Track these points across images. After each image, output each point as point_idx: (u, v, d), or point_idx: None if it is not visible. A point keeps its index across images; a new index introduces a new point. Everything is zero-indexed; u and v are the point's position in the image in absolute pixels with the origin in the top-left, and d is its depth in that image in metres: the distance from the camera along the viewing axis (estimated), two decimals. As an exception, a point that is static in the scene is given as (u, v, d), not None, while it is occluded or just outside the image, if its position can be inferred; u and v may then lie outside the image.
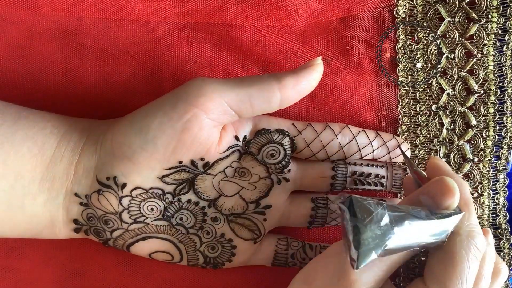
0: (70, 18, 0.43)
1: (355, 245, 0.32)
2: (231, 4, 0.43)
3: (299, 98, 0.39)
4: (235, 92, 0.38)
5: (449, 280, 0.35)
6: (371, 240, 0.32)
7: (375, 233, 0.33)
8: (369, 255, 0.33)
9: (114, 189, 0.39)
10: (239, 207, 0.42)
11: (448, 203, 0.36)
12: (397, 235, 0.33)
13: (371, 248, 0.33)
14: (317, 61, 0.39)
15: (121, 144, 0.39)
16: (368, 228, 0.32)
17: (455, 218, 0.36)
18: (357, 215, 0.33)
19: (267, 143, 0.42)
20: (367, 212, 0.33)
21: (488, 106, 0.45)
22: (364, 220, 0.33)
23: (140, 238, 0.41)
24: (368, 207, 0.33)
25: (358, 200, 0.33)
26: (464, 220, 0.37)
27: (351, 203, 0.33)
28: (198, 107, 0.38)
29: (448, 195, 0.36)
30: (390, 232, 0.33)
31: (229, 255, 0.43)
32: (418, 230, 0.34)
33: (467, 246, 0.36)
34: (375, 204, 0.33)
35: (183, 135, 0.38)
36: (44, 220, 0.40)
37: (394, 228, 0.33)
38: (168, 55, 0.44)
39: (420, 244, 0.35)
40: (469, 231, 0.36)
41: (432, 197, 0.36)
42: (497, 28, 0.45)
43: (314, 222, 0.44)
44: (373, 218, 0.33)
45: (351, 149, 0.43)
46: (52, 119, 0.41)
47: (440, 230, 0.35)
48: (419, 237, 0.35)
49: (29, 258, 0.45)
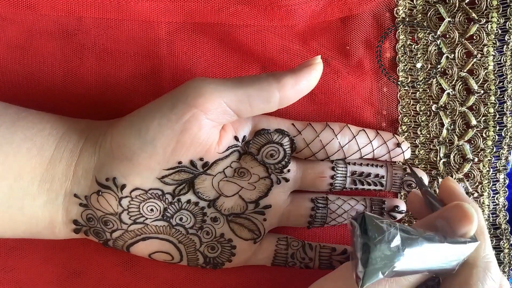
0: (70, 18, 0.43)
1: (362, 263, 0.32)
2: (231, 4, 0.43)
3: (299, 98, 0.39)
4: (234, 92, 0.38)
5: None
6: (379, 260, 0.32)
7: (385, 253, 0.32)
8: (375, 275, 0.32)
9: (113, 190, 0.39)
10: (238, 207, 0.42)
11: (465, 230, 0.35)
12: (407, 258, 0.33)
13: (379, 268, 0.32)
14: (317, 60, 0.39)
15: (120, 146, 0.39)
16: (378, 248, 0.32)
17: (470, 247, 0.35)
18: (368, 233, 0.32)
19: (266, 143, 0.42)
20: (378, 231, 0.32)
21: (488, 106, 0.45)
22: (374, 238, 0.32)
23: (139, 239, 0.41)
24: (380, 226, 0.32)
25: (371, 218, 0.33)
26: (481, 250, 0.36)
27: (363, 220, 0.32)
28: (197, 107, 0.37)
29: (466, 221, 0.35)
30: (400, 254, 0.32)
31: (229, 255, 0.43)
32: (428, 255, 0.34)
33: (484, 279, 0.35)
34: (387, 224, 0.33)
35: (182, 136, 0.38)
36: (44, 220, 0.40)
37: (404, 250, 0.32)
38: (168, 55, 0.44)
39: (429, 269, 0.35)
40: (486, 263, 0.36)
41: (449, 222, 0.35)
42: (497, 28, 0.45)
43: (313, 222, 0.44)
44: (384, 237, 0.32)
45: (351, 149, 0.43)
46: (51, 120, 0.41)
47: (452, 257, 0.35)
48: (429, 262, 0.34)
49: (29, 258, 0.45)
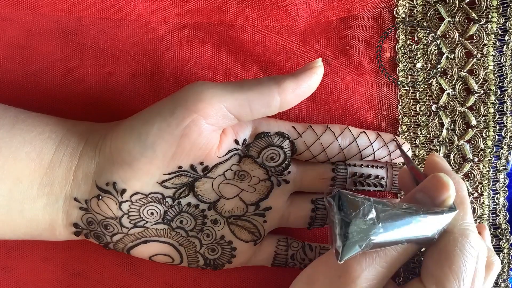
0: (70, 18, 0.43)
1: (340, 238, 0.34)
2: (231, 4, 0.43)
3: (299, 101, 0.39)
4: (235, 97, 0.38)
5: (447, 279, 0.35)
6: (355, 234, 0.33)
7: (360, 227, 0.34)
8: (353, 248, 0.34)
9: (113, 195, 0.39)
10: (239, 209, 0.42)
11: (442, 198, 0.36)
12: (383, 230, 0.34)
13: (355, 241, 0.34)
14: (317, 63, 0.39)
15: (120, 150, 0.39)
16: (353, 222, 0.34)
17: (447, 216, 0.36)
18: (344, 209, 0.34)
19: (267, 146, 0.42)
20: (353, 206, 0.34)
21: (488, 106, 0.45)
22: (350, 214, 0.34)
23: (140, 242, 0.41)
24: (355, 202, 0.34)
25: (346, 195, 0.34)
26: (459, 218, 0.37)
27: (339, 197, 0.34)
28: (197, 112, 0.37)
29: (442, 190, 0.36)
30: (375, 227, 0.34)
31: (229, 257, 0.43)
32: (405, 226, 0.35)
33: (462, 245, 0.35)
34: (362, 199, 0.34)
35: (182, 141, 0.38)
36: (44, 223, 0.40)
37: (380, 223, 0.34)
38: (168, 55, 0.44)
39: (408, 239, 0.36)
40: (463, 230, 0.36)
41: (427, 193, 0.36)
42: (497, 28, 0.45)
43: (314, 223, 0.44)
44: (359, 212, 0.34)
45: (351, 151, 0.43)
46: (50, 122, 0.41)
47: (430, 227, 0.36)
48: (407, 232, 0.35)
49: (29, 258, 0.45)
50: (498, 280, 0.47)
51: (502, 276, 0.47)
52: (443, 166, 0.39)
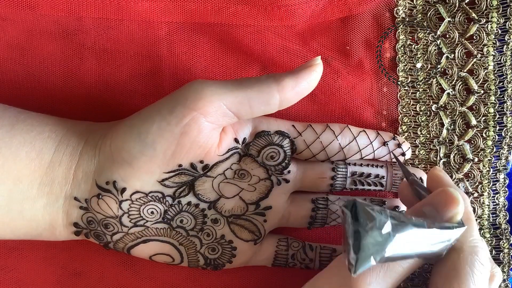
0: (70, 18, 0.43)
1: (354, 250, 0.32)
2: (231, 4, 0.43)
3: (299, 99, 0.39)
4: (234, 95, 0.38)
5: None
6: (371, 246, 0.32)
7: (376, 239, 0.32)
8: (368, 261, 0.32)
9: (113, 194, 0.39)
10: (239, 208, 0.42)
11: (452, 213, 0.35)
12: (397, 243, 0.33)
13: (370, 254, 0.32)
14: (316, 61, 0.39)
15: (120, 149, 0.39)
16: (369, 234, 0.32)
17: (457, 231, 0.35)
18: (360, 220, 0.32)
19: (267, 145, 0.42)
20: (369, 217, 0.32)
21: (488, 106, 0.45)
22: (366, 225, 0.32)
23: (140, 241, 0.41)
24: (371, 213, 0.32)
25: (362, 205, 0.33)
26: (467, 235, 0.36)
27: (354, 207, 0.33)
28: (196, 110, 0.37)
29: (452, 205, 0.35)
30: (390, 240, 0.32)
31: (229, 256, 0.43)
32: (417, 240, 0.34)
33: (471, 263, 0.35)
34: (378, 211, 0.33)
35: (182, 139, 0.38)
36: (44, 223, 0.40)
37: (395, 236, 0.33)
38: (168, 55, 0.44)
39: (418, 254, 0.35)
40: (472, 247, 0.36)
41: (436, 208, 0.36)
42: (497, 28, 0.45)
43: (314, 223, 0.44)
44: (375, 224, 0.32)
45: (351, 150, 0.43)
46: (50, 122, 0.41)
47: (440, 242, 0.35)
48: (418, 247, 0.34)
49: (29, 258, 0.45)
50: (498, 280, 0.47)
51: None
52: (446, 180, 0.39)
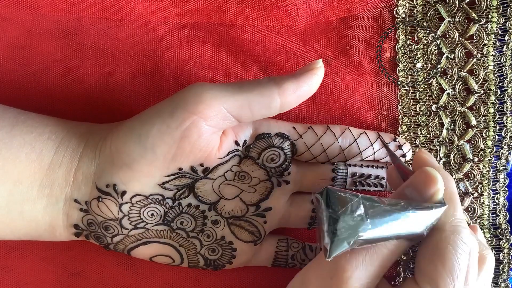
0: (70, 18, 0.43)
1: (328, 235, 0.33)
2: (231, 4, 0.43)
3: (299, 102, 0.39)
4: (235, 98, 0.37)
5: (440, 277, 0.35)
6: (344, 231, 0.33)
7: (348, 223, 0.33)
8: (341, 245, 0.33)
9: (113, 196, 0.39)
10: (239, 210, 0.42)
11: (431, 192, 0.36)
12: (372, 226, 0.34)
13: (344, 238, 0.33)
14: (318, 64, 0.39)
15: (120, 152, 0.38)
16: (341, 219, 0.33)
17: (436, 211, 0.36)
18: (332, 206, 0.33)
19: (267, 147, 0.42)
20: (341, 203, 0.33)
21: (488, 106, 0.45)
22: (338, 210, 0.33)
23: (140, 243, 0.41)
24: (343, 198, 0.34)
25: (334, 191, 0.34)
26: (449, 215, 0.36)
27: (327, 194, 0.34)
28: (197, 114, 0.37)
29: (430, 184, 0.36)
30: (364, 223, 0.34)
31: (229, 257, 0.43)
32: (394, 222, 0.35)
33: (454, 242, 0.35)
34: (350, 196, 0.34)
35: (182, 143, 0.38)
36: (44, 224, 0.40)
37: (368, 219, 0.34)
38: (168, 55, 0.44)
39: (397, 235, 0.35)
40: (454, 226, 0.36)
41: (416, 188, 0.36)
42: (497, 28, 0.45)
43: (314, 223, 0.44)
44: (347, 209, 0.33)
45: (352, 152, 0.43)
46: (50, 123, 0.40)
47: (419, 223, 0.35)
48: (396, 229, 0.35)
49: (29, 258, 0.45)
50: (498, 280, 0.47)
51: (502, 276, 0.47)
52: (431, 162, 0.39)
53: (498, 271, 0.47)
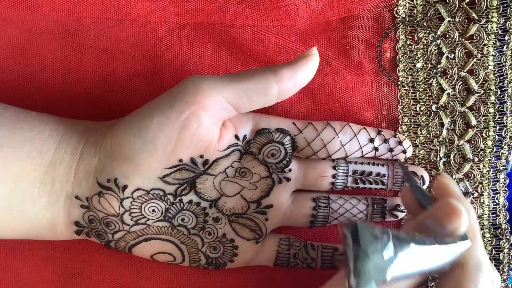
0: (70, 18, 0.43)
1: (355, 274, 0.31)
2: (231, 4, 0.43)
3: (297, 90, 0.39)
4: (232, 87, 0.38)
5: None
6: (372, 270, 0.31)
7: (377, 263, 0.32)
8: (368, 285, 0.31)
9: (115, 191, 0.39)
10: (240, 207, 0.42)
11: (454, 226, 0.34)
12: (399, 265, 0.32)
13: (371, 277, 0.31)
14: (313, 51, 0.39)
15: (121, 146, 0.39)
16: (370, 258, 0.31)
17: (460, 246, 0.35)
18: (361, 243, 0.32)
19: (267, 142, 0.42)
20: (371, 240, 0.32)
21: (488, 106, 0.45)
22: (367, 248, 0.31)
23: (141, 240, 0.41)
24: (373, 235, 0.32)
25: (363, 228, 0.32)
26: (472, 250, 0.36)
27: (355, 229, 0.32)
28: (195, 104, 0.37)
29: (454, 217, 0.34)
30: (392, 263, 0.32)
31: (231, 255, 0.43)
32: (420, 259, 0.33)
33: (476, 278, 0.35)
34: (380, 233, 0.32)
35: (182, 133, 0.38)
36: (45, 222, 0.40)
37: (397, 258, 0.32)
38: (168, 55, 0.44)
39: (421, 272, 0.34)
40: (477, 262, 0.36)
41: (438, 220, 0.35)
42: (497, 28, 0.45)
43: (315, 222, 0.44)
44: (377, 247, 0.32)
45: (352, 148, 0.43)
46: (51, 121, 0.41)
47: (443, 258, 0.34)
48: (421, 266, 0.34)
49: (29, 258, 0.45)
50: (498, 280, 0.47)
51: (502, 276, 0.47)
52: (454, 191, 0.38)
53: (498, 271, 0.47)
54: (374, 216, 0.45)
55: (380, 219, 0.45)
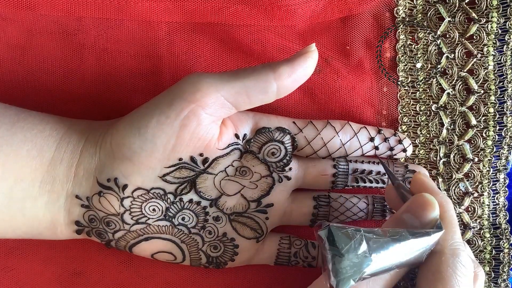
0: (70, 18, 0.43)
1: (333, 274, 0.34)
2: (231, 4, 0.43)
3: (296, 87, 0.39)
4: (231, 85, 0.38)
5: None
6: (349, 269, 0.34)
7: (353, 261, 0.34)
8: (347, 283, 0.34)
9: (115, 191, 0.39)
10: (240, 206, 0.42)
11: (428, 217, 0.37)
12: (375, 261, 0.35)
13: (349, 276, 0.34)
14: (311, 48, 0.39)
15: (121, 145, 0.39)
16: (346, 257, 0.34)
17: (434, 236, 0.36)
18: (336, 244, 0.34)
19: (267, 141, 0.42)
20: (345, 240, 0.34)
21: (488, 106, 0.45)
22: (342, 249, 0.34)
23: (142, 239, 0.41)
24: (346, 235, 0.34)
25: (337, 229, 0.35)
26: (448, 238, 0.37)
27: (329, 232, 0.35)
28: (195, 102, 0.37)
29: (428, 209, 0.37)
30: (367, 259, 0.34)
31: (231, 254, 0.43)
32: (395, 252, 0.35)
33: (453, 265, 0.36)
34: (353, 231, 0.35)
35: (181, 132, 0.38)
36: (45, 222, 0.40)
37: (372, 254, 0.34)
38: (168, 55, 0.44)
39: (398, 264, 0.36)
40: (453, 250, 0.37)
41: (413, 213, 0.37)
42: (497, 28, 0.45)
43: (316, 220, 0.44)
44: (351, 246, 0.34)
45: (352, 146, 0.44)
46: (51, 121, 0.41)
47: (418, 249, 0.36)
48: (397, 259, 0.36)
49: (29, 258, 0.45)
50: (498, 280, 0.47)
51: (502, 276, 0.47)
52: (429, 185, 0.40)
53: (498, 271, 0.47)
54: (374, 214, 0.45)
55: (381, 217, 0.45)
